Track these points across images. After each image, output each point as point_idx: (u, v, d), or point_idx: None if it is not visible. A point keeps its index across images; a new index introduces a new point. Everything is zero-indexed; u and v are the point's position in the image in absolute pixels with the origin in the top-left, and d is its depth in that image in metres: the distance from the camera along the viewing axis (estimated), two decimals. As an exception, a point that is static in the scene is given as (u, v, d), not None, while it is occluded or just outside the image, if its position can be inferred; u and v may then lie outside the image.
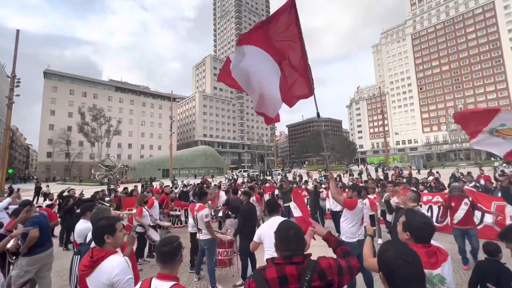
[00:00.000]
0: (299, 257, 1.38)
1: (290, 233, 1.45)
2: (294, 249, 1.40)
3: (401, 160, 74.99)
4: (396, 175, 17.29)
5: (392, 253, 1.16)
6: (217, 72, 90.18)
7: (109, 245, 1.97)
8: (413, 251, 1.14)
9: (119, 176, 39.64)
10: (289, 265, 1.36)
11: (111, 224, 2.04)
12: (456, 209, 4.69)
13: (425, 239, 1.75)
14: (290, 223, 1.58)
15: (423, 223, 1.76)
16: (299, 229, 1.50)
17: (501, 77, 69.64)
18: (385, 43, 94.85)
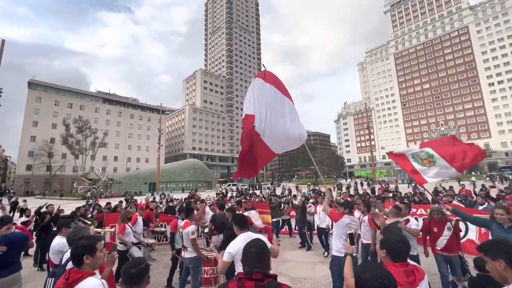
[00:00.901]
0: (259, 274, 1.41)
1: (251, 250, 1.50)
2: (252, 266, 1.45)
3: (388, 174, 76.54)
4: (382, 189, 17.61)
5: (368, 276, 1.18)
6: (207, 85, 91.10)
7: (88, 266, 1.89)
8: (388, 272, 1.16)
9: (103, 190, 38.24)
10: (249, 280, 1.40)
11: (92, 244, 1.97)
12: (439, 235, 4.21)
13: (401, 257, 1.78)
14: (256, 241, 1.64)
15: (398, 241, 1.80)
16: (263, 247, 1.54)
17: (477, 96, 73.85)
18: (370, 61, 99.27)
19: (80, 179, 38.62)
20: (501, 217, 3.17)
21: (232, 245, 2.88)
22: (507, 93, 68.85)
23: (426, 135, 79.24)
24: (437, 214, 4.30)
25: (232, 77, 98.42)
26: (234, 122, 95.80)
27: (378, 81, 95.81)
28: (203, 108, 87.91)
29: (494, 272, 1.65)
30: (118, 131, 66.71)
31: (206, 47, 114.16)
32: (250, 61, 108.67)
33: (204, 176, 56.19)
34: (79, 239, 2.01)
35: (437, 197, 10.84)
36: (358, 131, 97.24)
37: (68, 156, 50.47)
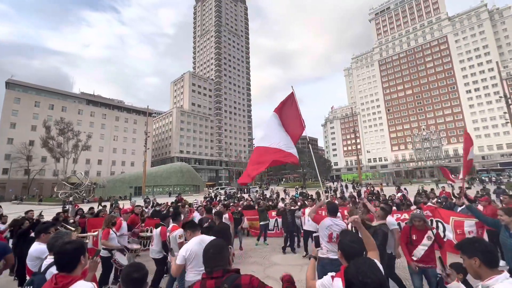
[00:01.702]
0: (219, 272, 1.51)
1: (209, 252, 1.60)
2: (212, 266, 1.54)
3: (373, 177, 78.46)
4: (368, 192, 18.02)
5: (352, 270, 1.22)
6: (196, 88, 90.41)
7: (81, 267, 1.87)
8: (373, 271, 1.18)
9: (86, 194, 36.94)
10: (209, 279, 1.50)
11: (82, 245, 1.95)
12: (417, 243, 3.75)
13: (355, 257, 1.80)
14: (213, 242, 1.70)
15: (351, 241, 1.88)
16: (221, 247, 1.63)
17: (456, 102, 77.42)
18: (356, 67, 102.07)
19: (61, 183, 37.13)
20: (501, 218, 3.23)
21: (185, 248, 2.96)
22: (482, 100, 72.61)
23: (409, 139, 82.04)
24: (418, 221, 3.82)
25: (221, 80, 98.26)
26: (222, 126, 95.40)
27: (364, 86, 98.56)
28: (191, 111, 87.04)
29: (469, 269, 1.74)
30: (103, 134, 64.79)
31: (195, 50, 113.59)
32: (239, 65, 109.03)
33: (191, 180, 55.42)
34: (67, 244, 1.95)
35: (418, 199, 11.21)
36: (344, 135, 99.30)
37: (49, 160, 48.42)
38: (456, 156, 73.16)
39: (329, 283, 1.80)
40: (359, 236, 2.03)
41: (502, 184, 24.41)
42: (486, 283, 1.60)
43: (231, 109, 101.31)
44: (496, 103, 67.78)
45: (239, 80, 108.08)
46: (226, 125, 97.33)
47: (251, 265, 6.48)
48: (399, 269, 5.34)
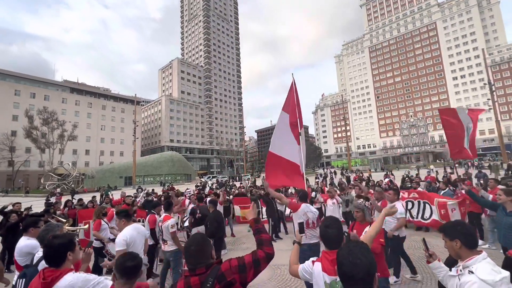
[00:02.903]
0: (202, 269, 1.51)
1: (191, 249, 1.56)
2: (195, 263, 1.52)
3: (362, 163, 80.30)
4: (356, 178, 18.50)
5: (344, 252, 1.26)
6: (185, 75, 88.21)
7: (70, 263, 1.86)
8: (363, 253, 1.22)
9: (75, 185, 36.26)
10: (193, 276, 1.49)
11: (71, 240, 1.93)
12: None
13: (333, 243, 1.90)
14: (194, 238, 1.66)
15: (325, 225, 1.94)
16: (201, 242, 1.60)
17: (442, 89, 79.02)
18: (346, 54, 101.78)
19: (48, 174, 36.23)
20: (499, 197, 3.46)
21: (124, 234, 3.18)
22: (467, 86, 74.38)
23: (397, 126, 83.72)
24: (357, 211, 3.32)
25: (211, 67, 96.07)
26: (213, 114, 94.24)
27: (354, 73, 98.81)
28: (181, 99, 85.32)
29: (450, 250, 1.84)
30: (89, 123, 62.92)
31: (183, 35, 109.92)
32: (229, 51, 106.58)
33: (183, 169, 55.19)
34: (54, 238, 1.93)
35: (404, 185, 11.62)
36: (335, 122, 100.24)
37: (33, 150, 46.85)
38: (441, 141, 75.52)
39: (309, 268, 1.89)
40: (335, 219, 2.08)
41: (483, 169, 25.49)
42: (466, 263, 1.70)
43: (222, 97, 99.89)
44: (481, 89, 69.52)
45: (229, 67, 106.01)
46: (216, 113, 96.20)
47: (244, 251, 6.62)
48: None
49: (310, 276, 1.89)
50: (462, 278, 1.65)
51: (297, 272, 1.96)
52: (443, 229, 1.93)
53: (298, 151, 4.76)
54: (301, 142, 4.78)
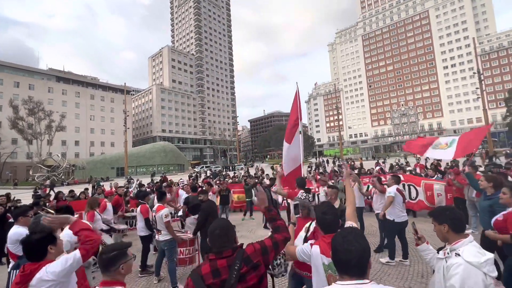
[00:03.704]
0: (229, 251, 1.54)
1: (216, 233, 1.59)
2: (219, 246, 1.56)
3: (354, 152, 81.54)
4: (349, 166, 18.81)
5: (338, 239, 1.29)
6: (176, 64, 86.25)
7: (52, 256, 1.83)
8: (358, 240, 1.25)
9: (65, 177, 35.70)
10: (220, 259, 1.52)
11: (50, 233, 1.90)
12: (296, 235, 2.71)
13: (330, 227, 1.96)
14: (218, 222, 1.68)
15: (323, 212, 1.99)
16: (226, 227, 1.64)
17: (433, 78, 79.92)
18: (340, 42, 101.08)
19: (37, 166, 35.48)
20: (480, 183, 3.71)
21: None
22: (457, 75, 75.43)
23: (388, 115, 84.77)
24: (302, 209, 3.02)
25: (202, 55, 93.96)
26: (205, 103, 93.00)
27: (347, 62, 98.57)
28: (172, 88, 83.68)
29: (439, 234, 1.92)
30: (78, 113, 61.30)
31: (173, 22, 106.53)
32: (221, 39, 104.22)
33: (176, 159, 54.88)
34: (31, 234, 1.91)
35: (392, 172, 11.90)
36: (327, 111, 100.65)
37: (20, 142, 45.56)
38: (431, 130, 77.16)
39: (308, 250, 1.97)
40: (331, 206, 2.14)
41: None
42: (453, 246, 1.77)
43: (214, 86, 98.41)
44: (470, 79, 70.57)
45: (221, 55, 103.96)
46: (209, 102, 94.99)
47: (239, 239, 6.71)
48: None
49: (308, 258, 1.97)
50: (449, 261, 1.72)
51: (294, 252, 2.04)
52: (432, 214, 2.00)
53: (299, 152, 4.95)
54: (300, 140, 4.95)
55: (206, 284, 1.43)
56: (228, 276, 1.44)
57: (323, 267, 1.85)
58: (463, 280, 1.59)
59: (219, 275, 1.46)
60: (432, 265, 2.02)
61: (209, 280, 1.44)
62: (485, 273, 1.60)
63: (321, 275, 1.86)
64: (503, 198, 2.87)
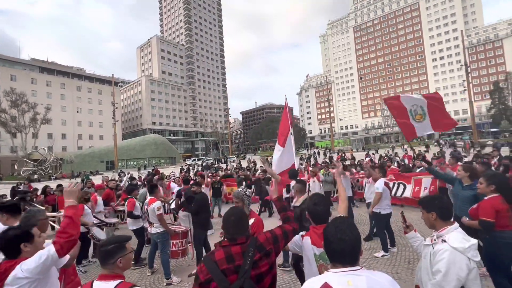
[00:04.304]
0: (243, 238, 1.59)
1: (231, 219, 1.64)
2: (233, 233, 1.60)
3: (344, 143, 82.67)
4: (339, 158, 19.14)
5: (331, 229, 1.30)
6: (165, 54, 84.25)
7: (27, 254, 1.75)
8: (351, 229, 1.28)
9: (52, 171, 34.85)
10: (234, 246, 1.56)
11: (26, 231, 1.84)
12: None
13: (321, 218, 1.99)
14: (233, 210, 1.74)
15: (314, 204, 2.02)
16: (240, 214, 1.69)
17: (422, 70, 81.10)
18: (331, 34, 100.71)
19: (22, 160, 34.43)
20: (458, 173, 3.84)
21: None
22: (446, 68, 76.78)
23: (378, 107, 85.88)
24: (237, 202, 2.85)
25: (192, 46, 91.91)
26: (196, 95, 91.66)
27: (338, 54, 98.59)
28: (162, 80, 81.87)
29: (427, 221, 1.99)
30: (64, 106, 59.37)
31: (161, 11, 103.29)
32: (211, 29, 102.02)
33: (167, 152, 54.33)
34: (8, 230, 1.85)
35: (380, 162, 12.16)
36: (319, 103, 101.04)
37: (3, 135, 43.92)
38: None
39: (299, 241, 2.01)
40: (322, 197, 2.17)
41: (457, 147, 27.02)
42: (440, 233, 1.85)
43: (205, 78, 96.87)
44: (457, 71, 71.94)
45: (212, 46, 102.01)
46: (200, 94, 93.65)
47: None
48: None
49: (300, 249, 2.01)
50: (435, 247, 1.79)
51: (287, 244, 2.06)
52: (421, 202, 2.07)
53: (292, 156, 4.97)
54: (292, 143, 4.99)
55: (220, 269, 1.47)
56: (243, 262, 1.49)
57: (314, 257, 1.89)
58: (448, 265, 1.67)
59: (233, 261, 1.50)
60: (420, 252, 2.10)
61: (223, 266, 1.48)
62: (469, 258, 1.68)
63: (312, 265, 1.90)
64: (480, 188, 2.98)
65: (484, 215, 2.69)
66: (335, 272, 1.20)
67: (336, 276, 1.17)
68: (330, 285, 1.14)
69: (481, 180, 2.96)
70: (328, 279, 1.17)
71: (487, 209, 2.70)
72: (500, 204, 2.69)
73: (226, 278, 1.45)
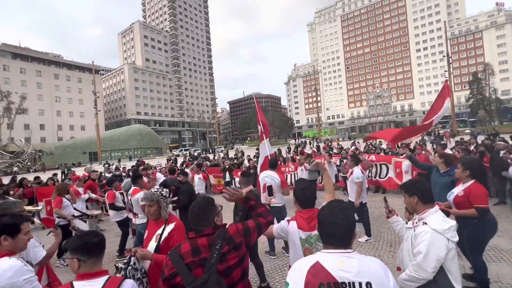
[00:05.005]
0: (209, 229, 1.52)
1: (194, 210, 1.57)
2: (195, 224, 1.54)
3: (331, 133, 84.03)
4: (326, 147, 19.46)
5: (325, 212, 1.30)
6: (149, 41, 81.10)
7: (4, 248, 1.64)
8: (344, 213, 1.27)
9: (31, 163, 33.34)
10: (200, 237, 1.49)
11: (15, 223, 1.70)
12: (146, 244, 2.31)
13: (307, 203, 2.02)
14: (199, 200, 1.65)
15: (302, 188, 2.04)
16: (205, 205, 1.60)
17: (407, 61, 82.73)
18: (319, 22, 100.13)
19: (-3, 152, 32.61)
20: (434, 159, 4.03)
21: None
22: (429, 58, 78.67)
23: (364, 96, 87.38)
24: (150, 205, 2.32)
25: (177, 32, 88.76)
26: (182, 84, 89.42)
27: (326, 43, 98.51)
28: (146, 68, 79.02)
29: (408, 205, 2.04)
30: (40, 95, 56.34)
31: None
32: (197, 15, 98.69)
33: (153, 143, 53.19)
34: (1, 217, 1.73)
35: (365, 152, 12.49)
36: (306, 93, 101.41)
37: (-25, 126, 41.33)
38: (402, 111, 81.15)
39: (285, 226, 2.02)
40: (309, 183, 2.18)
41: (438, 136, 28.08)
42: (421, 216, 1.90)
43: (191, 66, 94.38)
44: (440, 62, 73.90)
45: (198, 33, 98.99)
46: (186, 83, 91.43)
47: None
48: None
49: (285, 234, 2.02)
50: (417, 229, 1.85)
51: (271, 231, 2.07)
52: (404, 186, 2.12)
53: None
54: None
55: (185, 263, 1.40)
56: (209, 255, 1.42)
57: (300, 241, 1.91)
58: (429, 246, 1.72)
59: (199, 253, 1.43)
60: (401, 235, 2.16)
61: (189, 259, 1.41)
62: (448, 239, 1.74)
63: (298, 249, 1.92)
64: (456, 173, 3.10)
65: (480, 202, 2.73)
66: (327, 252, 1.21)
67: (328, 256, 1.18)
68: (321, 264, 1.15)
69: (458, 165, 3.08)
70: (320, 258, 1.18)
71: (481, 195, 2.75)
72: (484, 188, 2.81)
73: (191, 272, 1.38)
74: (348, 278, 1.09)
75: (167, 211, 2.31)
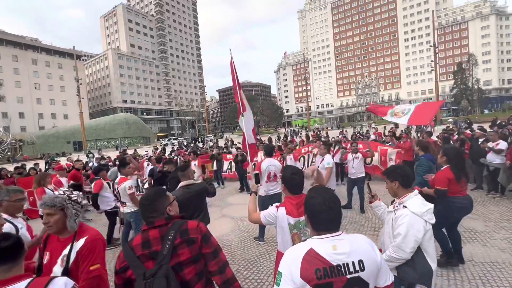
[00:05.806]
0: (161, 220, 1.45)
1: (143, 203, 1.51)
2: (149, 216, 1.48)
3: (320, 122, 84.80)
4: (315, 136, 19.70)
5: (318, 200, 1.30)
6: (133, 26, 77.87)
7: None
8: (335, 196, 1.32)
9: (11, 153, 32.06)
10: (152, 229, 1.43)
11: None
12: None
13: (297, 188, 2.04)
14: (149, 191, 1.61)
15: (292, 173, 2.05)
16: (152, 197, 1.54)
17: (395, 50, 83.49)
18: (309, 9, 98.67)
19: (-27, 142, 31.11)
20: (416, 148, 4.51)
21: None
22: (416, 48, 79.68)
23: (353, 86, 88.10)
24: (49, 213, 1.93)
25: (163, 17, 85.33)
26: (169, 71, 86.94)
27: (316, 31, 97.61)
28: (131, 54, 76.02)
29: (390, 190, 2.12)
30: (18, 81, 53.46)
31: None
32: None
33: (140, 132, 52.10)
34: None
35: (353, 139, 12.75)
36: (296, 82, 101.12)
37: None
38: (390, 101, 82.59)
39: (274, 213, 2.02)
40: (298, 168, 2.20)
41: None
42: (401, 200, 1.99)
43: (178, 52, 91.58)
44: (426, 52, 75.04)
45: (185, 18, 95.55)
46: (174, 70, 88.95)
47: (208, 208, 6.84)
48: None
49: (274, 220, 2.01)
50: (397, 213, 1.93)
51: (259, 218, 2.07)
52: (385, 172, 2.19)
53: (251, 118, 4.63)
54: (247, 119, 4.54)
55: (137, 256, 1.36)
56: (161, 246, 1.36)
57: (288, 227, 1.93)
58: (408, 228, 1.81)
59: (150, 246, 1.38)
60: (383, 219, 2.25)
61: (139, 252, 1.37)
62: (426, 221, 1.83)
63: (286, 235, 1.95)
64: (438, 159, 3.35)
65: (438, 184, 3.06)
66: (319, 238, 1.24)
67: (320, 242, 1.21)
68: (315, 250, 1.17)
69: (440, 152, 3.30)
70: (313, 245, 1.20)
71: (440, 178, 3.06)
72: (450, 173, 3.03)
73: (142, 264, 1.34)
74: (341, 260, 1.14)
75: (77, 220, 1.69)
